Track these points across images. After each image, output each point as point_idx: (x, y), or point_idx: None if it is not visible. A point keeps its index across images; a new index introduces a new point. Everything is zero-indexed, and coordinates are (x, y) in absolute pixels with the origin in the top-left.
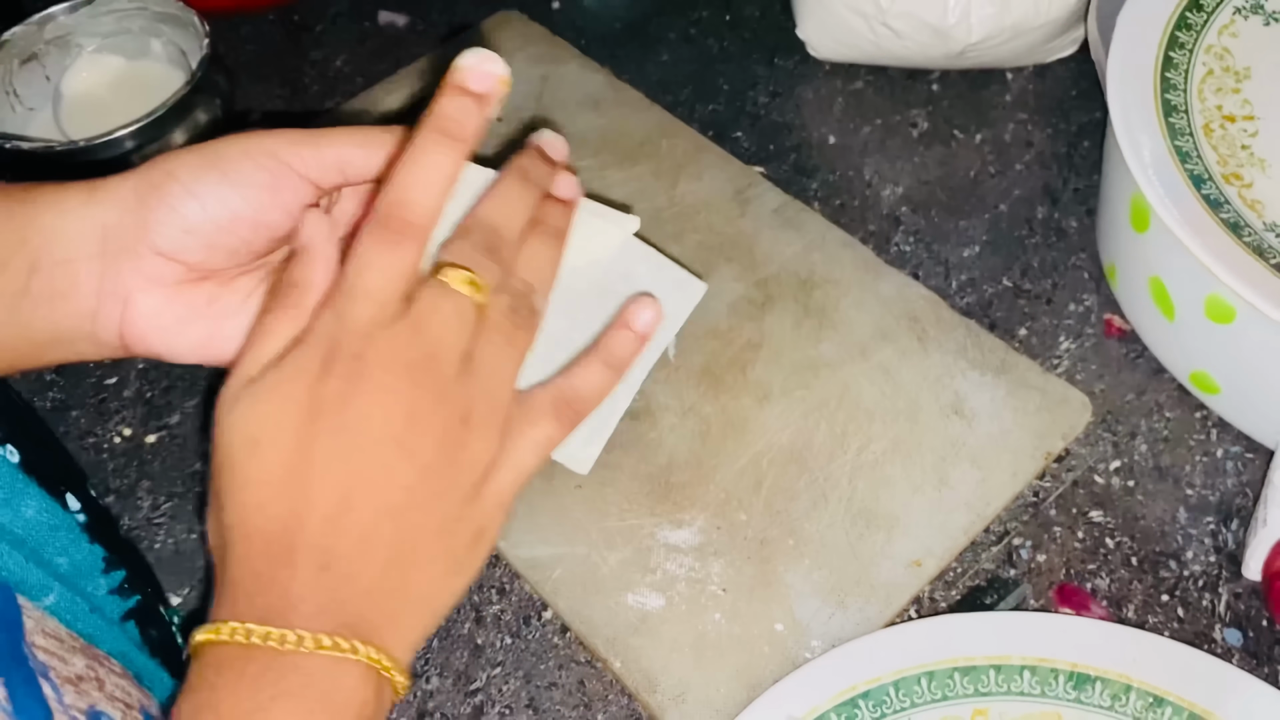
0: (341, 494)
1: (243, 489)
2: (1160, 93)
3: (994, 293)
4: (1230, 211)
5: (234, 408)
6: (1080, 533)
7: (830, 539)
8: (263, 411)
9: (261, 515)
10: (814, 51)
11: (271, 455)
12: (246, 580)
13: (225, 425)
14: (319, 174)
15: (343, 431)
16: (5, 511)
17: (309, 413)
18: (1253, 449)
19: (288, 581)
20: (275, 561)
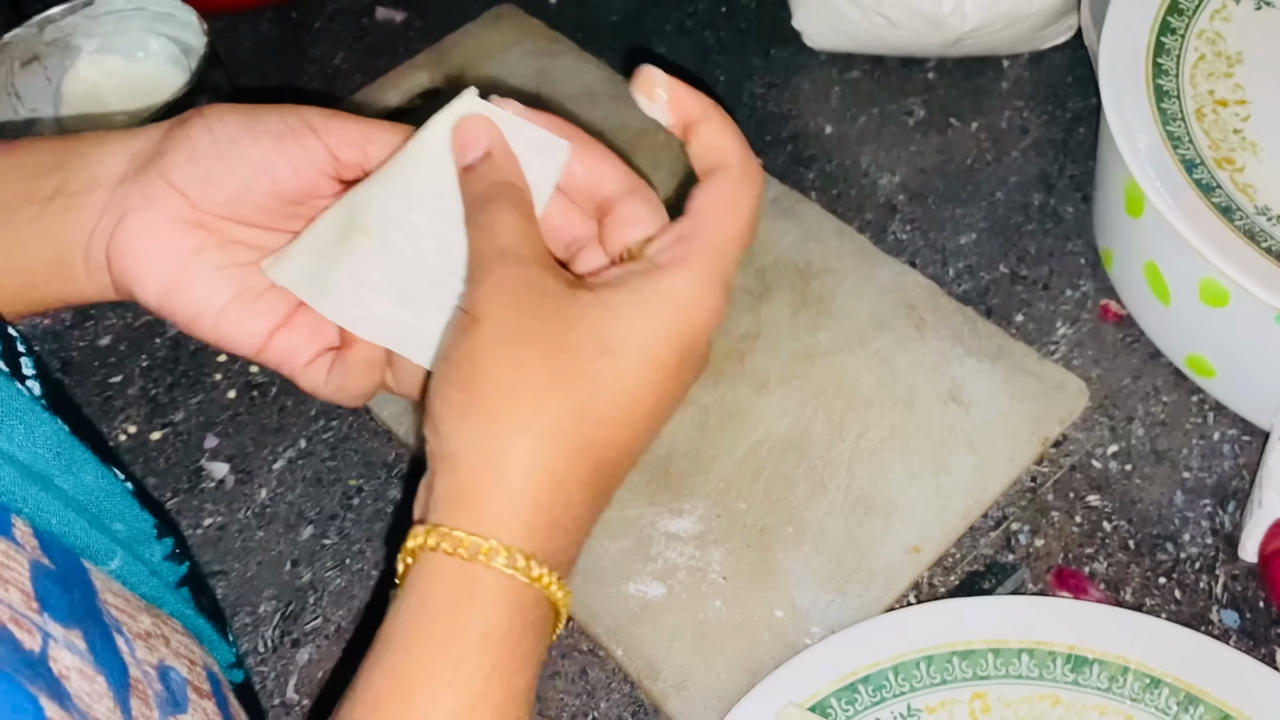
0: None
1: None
2: (1152, 79)
3: (991, 279)
4: (1222, 196)
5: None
6: (1078, 517)
7: (829, 526)
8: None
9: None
10: (810, 41)
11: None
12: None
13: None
14: (340, 142)
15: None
16: (68, 478)
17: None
18: (1249, 431)
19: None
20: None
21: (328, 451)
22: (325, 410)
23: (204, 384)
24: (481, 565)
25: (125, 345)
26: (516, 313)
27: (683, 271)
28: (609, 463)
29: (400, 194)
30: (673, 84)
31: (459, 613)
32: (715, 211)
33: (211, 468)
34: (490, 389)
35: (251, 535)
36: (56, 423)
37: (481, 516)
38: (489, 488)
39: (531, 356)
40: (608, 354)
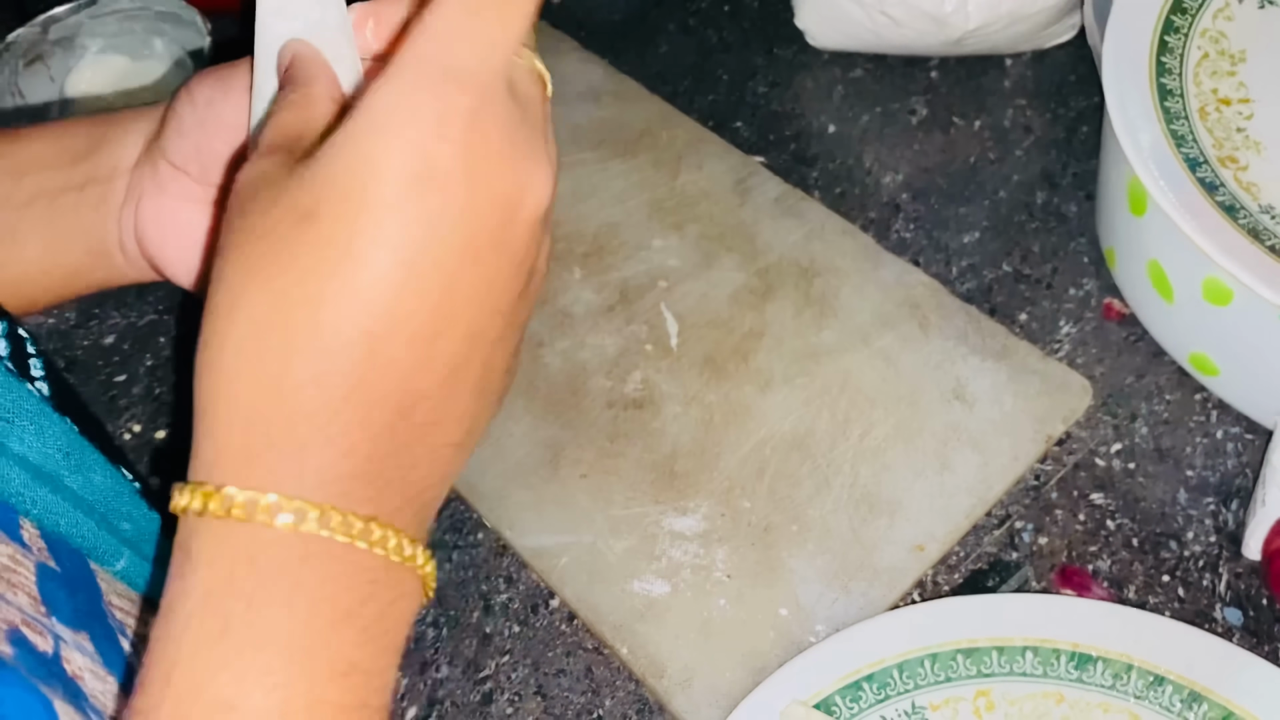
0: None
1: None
2: (1155, 77)
3: (994, 278)
4: (1226, 194)
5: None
6: (1081, 515)
7: (833, 524)
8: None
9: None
10: (812, 40)
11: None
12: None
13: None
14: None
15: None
16: (77, 478)
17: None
18: (1252, 430)
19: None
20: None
21: None
22: None
23: None
24: (262, 525)
25: (129, 344)
26: (247, 221)
27: (388, 82)
28: (420, 396)
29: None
30: None
31: (231, 583)
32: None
33: None
34: (248, 324)
35: None
36: (66, 423)
37: (256, 470)
38: (261, 439)
39: (262, 259)
40: (309, 219)
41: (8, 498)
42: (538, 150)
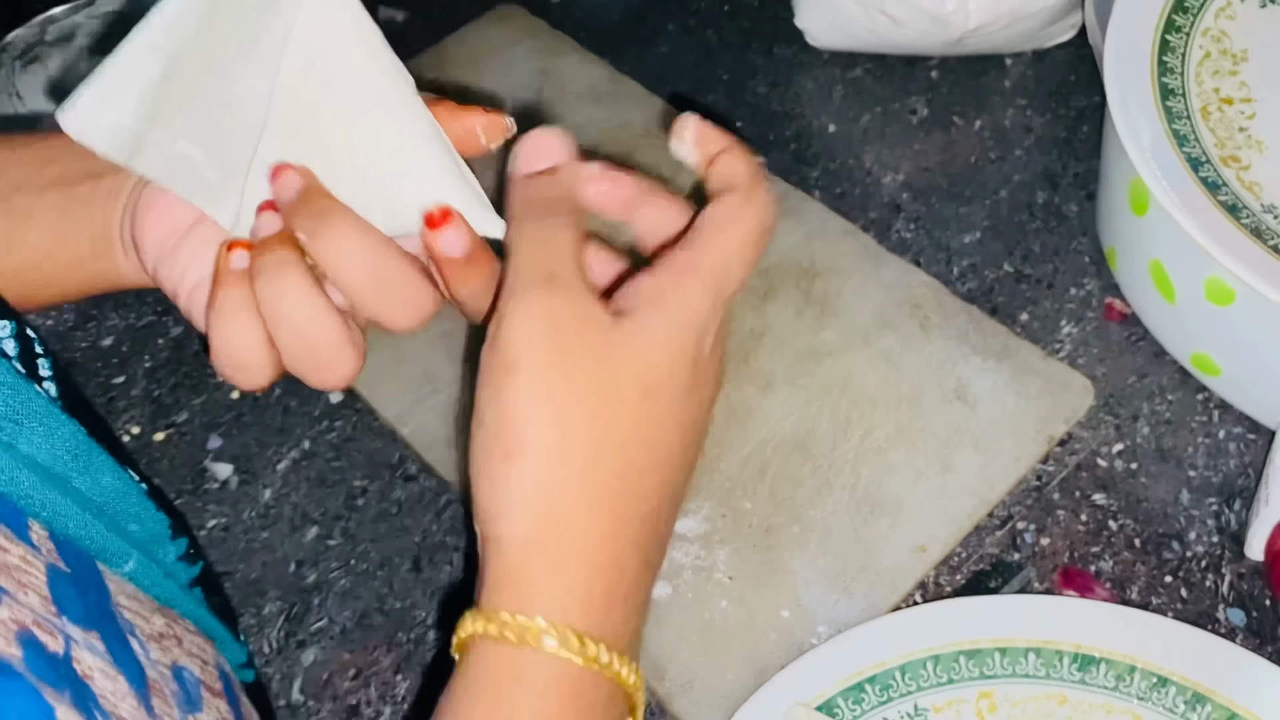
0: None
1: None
2: (1157, 77)
3: (995, 278)
4: (1228, 194)
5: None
6: (1084, 515)
7: (835, 525)
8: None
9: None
10: (812, 40)
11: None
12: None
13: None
14: None
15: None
16: (85, 479)
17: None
18: (1254, 430)
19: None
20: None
21: (331, 452)
22: (329, 411)
23: (207, 385)
24: (530, 649)
25: (128, 346)
26: (558, 357)
27: (699, 284)
28: (653, 512)
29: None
30: (701, 122)
31: (503, 701)
32: (719, 223)
33: (215, 469)
34: (535, 458)
35: (256, 536)
36: (74, 424)
37: (532, 597)
38: (541, 568)
39: (579, 413)
40: (647, 396)
41: (16, 500)
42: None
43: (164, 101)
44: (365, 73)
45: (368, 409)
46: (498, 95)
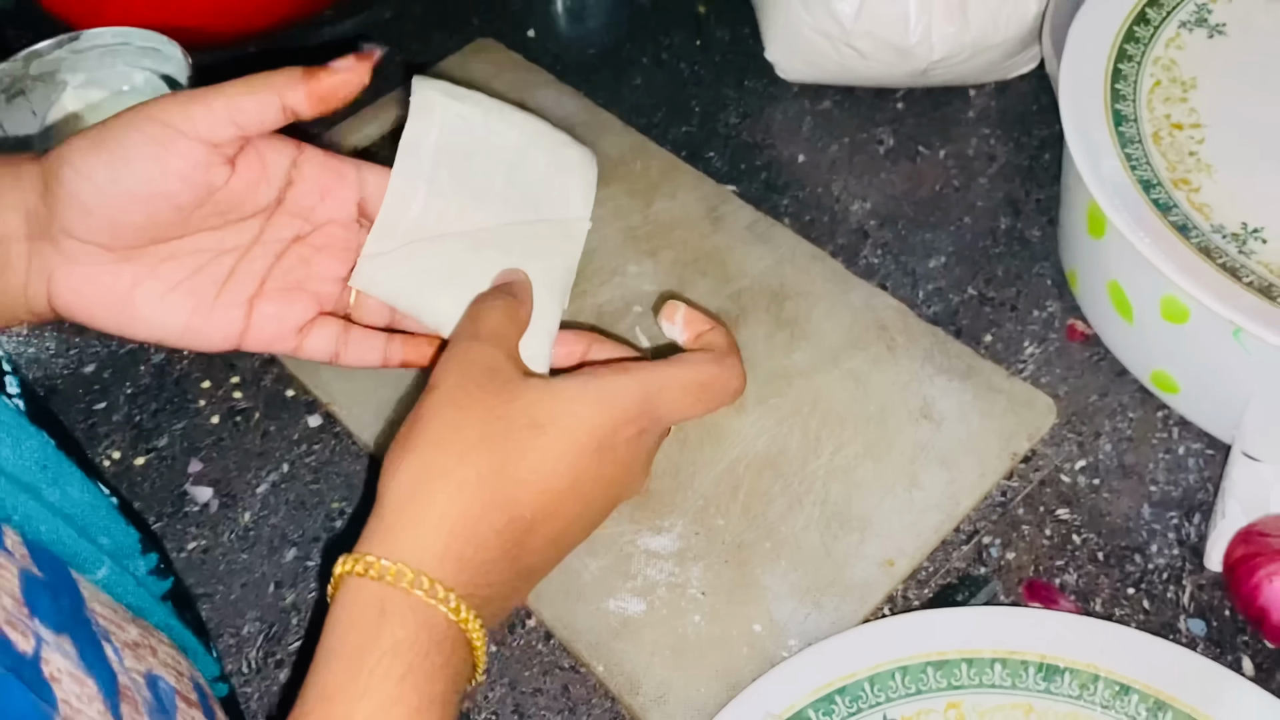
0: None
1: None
2: (1110, 103)
3: (960, 301)
4: (1179, 214)
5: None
6: (1048, 530)
7: (805, 541)
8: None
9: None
10: (782, 73)
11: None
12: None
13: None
14: (210, 130)
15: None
16: (54, 490)
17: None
18: (1213, 445)
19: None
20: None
21: (310, 475)
22: (308, 435)
23: (188, 409)
24: (390, 585)
25: (110, 372)
26: (466, 383)
27: (625, 379)
28: (521, 519)
29: (425, 196)
30: (688, 308)
31: (370, 626)
32: (680, 361)
33: (195, 492)
34: (425, 441)
35: (235, 558)
36: (42, 436)
37: (396, 546)
38: (407, 523)
39: (468, 420)
40: (535, 427)
41: None
42: (649, 467)
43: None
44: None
45: (346, 432)
46: None
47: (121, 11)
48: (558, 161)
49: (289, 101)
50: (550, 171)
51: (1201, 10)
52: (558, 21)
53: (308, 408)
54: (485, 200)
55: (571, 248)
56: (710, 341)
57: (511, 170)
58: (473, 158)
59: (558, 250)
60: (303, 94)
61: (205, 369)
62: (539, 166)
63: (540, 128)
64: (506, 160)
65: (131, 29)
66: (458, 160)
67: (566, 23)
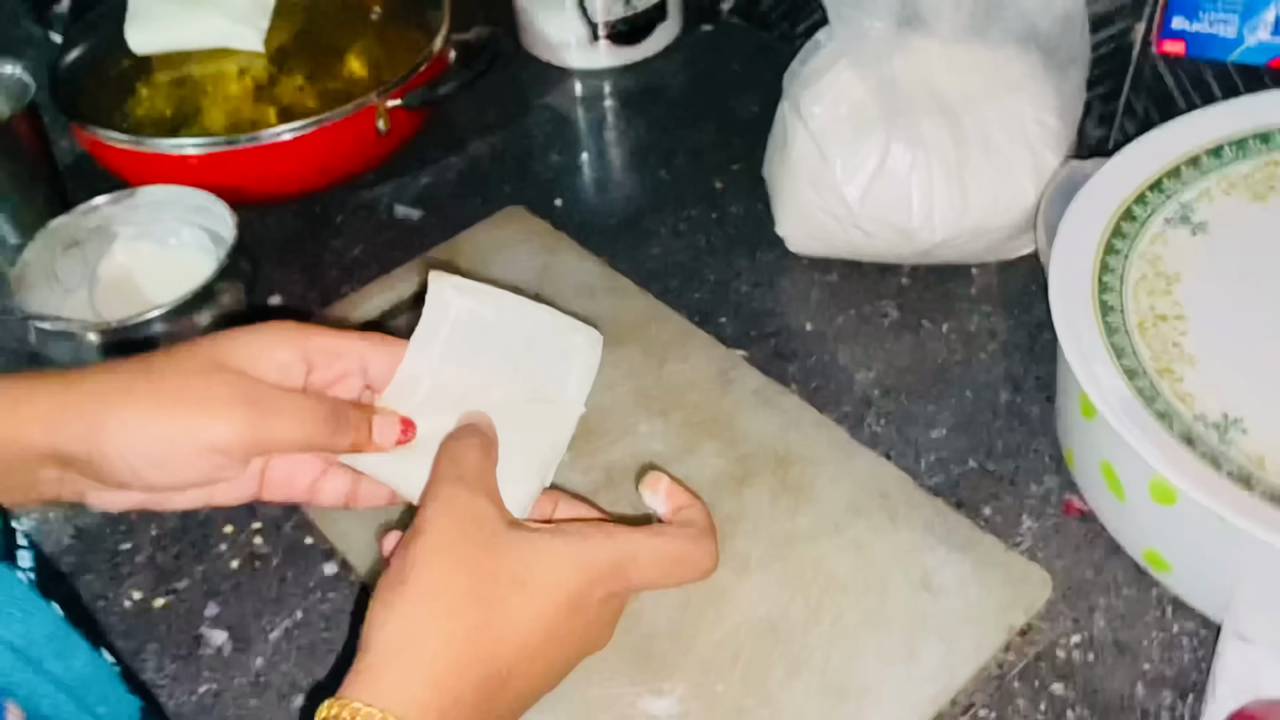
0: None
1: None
2: (1098, 294)
3: (961, 473)
4: (1162, 403)
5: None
6: (1042, 704)
7: (804, 709)
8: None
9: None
10: (792, 247)
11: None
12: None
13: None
14: (249, 453)
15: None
16: (59, 663)
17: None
18: (1206, 625)
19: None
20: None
21: (323, 623)
22: (323, 582)
23: (209, 553)
24: None
25: (137, 515)
26: (454, 531)
27: (604, 542)
28: (498, 674)
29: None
30: (671, 481)
31: None
32: (658, 532)
33: (210, 635)
34: (416, 591)
35: (245, 703)
36: (51, 609)
37: (382, 694)
38: (394, 673)
39: (458, 573)
40: (518, 583)
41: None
42: (614, 626)
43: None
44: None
45: (360, 581)
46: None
47: (174, 171)
48: (563, 348)
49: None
50: (554, 357)
51: (1185, 209)
52: (584, 192)
53: (325, 555)
54: (487, 388)
55: (562, 427)
56: (689, 518)
57: (517, 360)
58: (479, 351)
59: (547, 428)
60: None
61: (229, 513)
62: (544, 354)
63: (549, 317)
64: (514, 351)
65: (183, 188)
66: (465, 353)
67: (592, 193)
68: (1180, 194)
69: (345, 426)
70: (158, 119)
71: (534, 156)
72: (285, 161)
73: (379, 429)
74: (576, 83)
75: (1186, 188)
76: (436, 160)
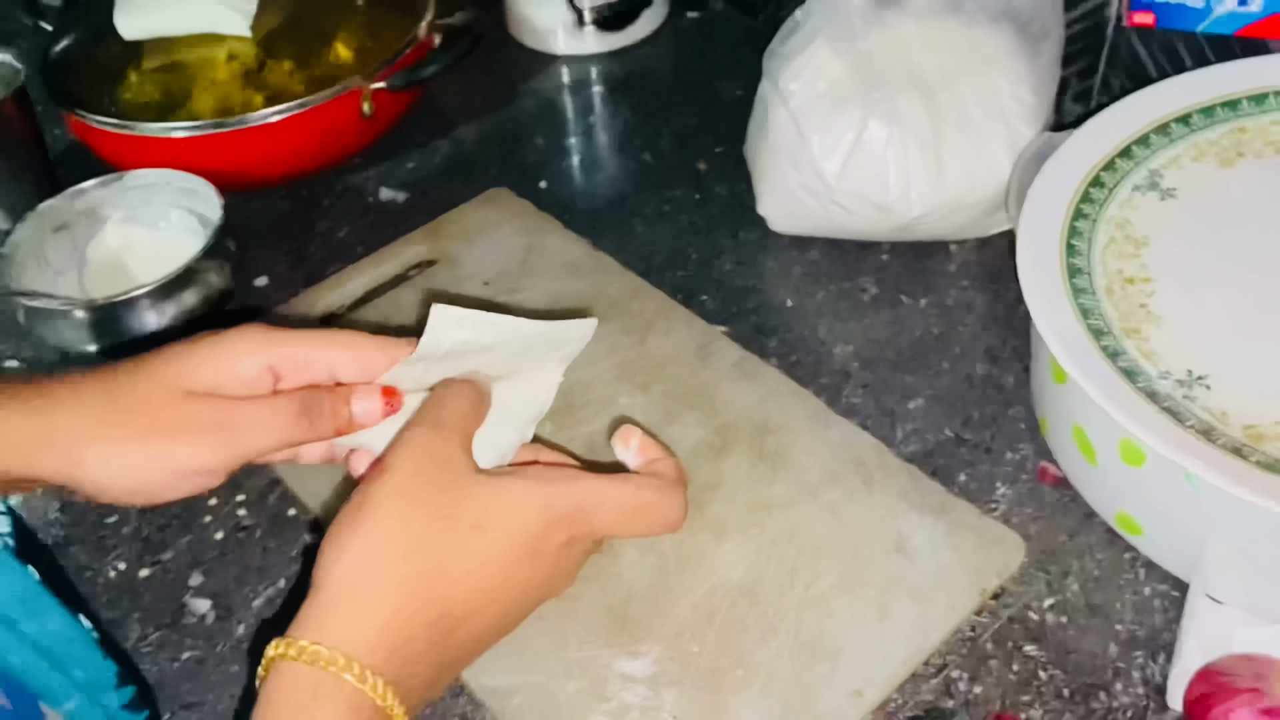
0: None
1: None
2: (1066, 257)
3: (937, 442)
4: (1127, 360)
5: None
6: (1015, 665)
7: (777, 669)
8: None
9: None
10: (773, 226)
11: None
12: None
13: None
14: (225, 466)
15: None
16: (32, 623)
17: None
18: (1178, 587)
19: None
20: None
21: (306, 591)
22: (307, 551)
23: (194, 525)
24: (322, 669)
25: None
26: (419, 474)
27: (567, 487)
28: (451, 615)
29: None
30: (643, 435)
31: (302, 708)
32: (624, 479)
33: (194, 604)
34: (372, 531)
35: (227, 669)
36: (25, 571)
37: (332, 632)
38: (343, 611)
39: (416, 516)
40: (477, 528)
41: None
42: (575, 573)
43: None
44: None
45: None
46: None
47: (163, 155)
48: (555, 344)
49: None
50: (547, 352)
51: (1154, 175)
52: (569, 175)
53: (308, 526)
54: (477, 370)
55: (542, 393)
56: (659, 469)
57: (509, 361)
58: (471, 363)
59: (527, 393)
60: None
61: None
62: (538, 354)
63: (545, 328)
64: (505, 360)
65: (171, 171)
66: (455, 368)
67: (577, 175)
68: (1149, 160)
69: (321, 417)
70: (147, 104)
71: (520, 141)
72: (272, 144)
73: (359, 408)
74: (563, 68)
75: (1155, 154)
76: (423, 144)
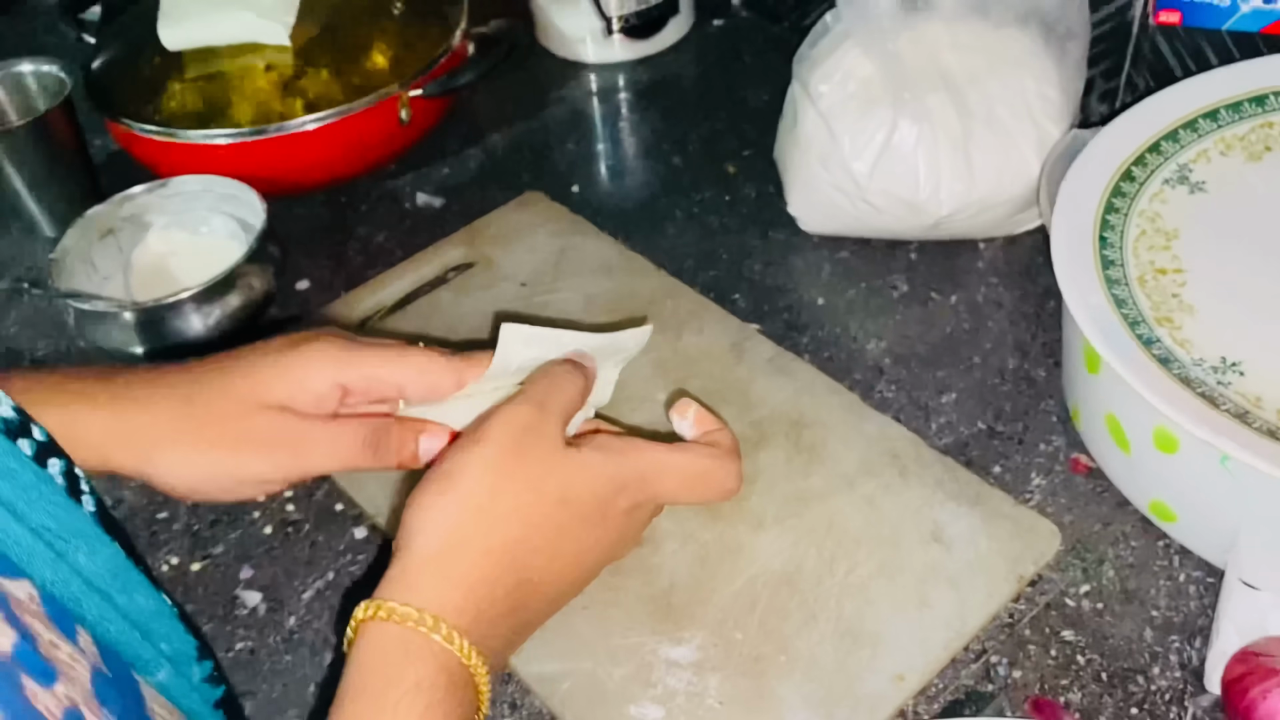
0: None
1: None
2: (1099, 250)
3: (970, 434)
4: (1161, 348)
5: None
6: (1053, 651)
7: (819, 655)
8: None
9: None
10: (803, 226)
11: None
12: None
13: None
14: (292, 477)
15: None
16: (123, 596)
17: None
18: (1213, 573)
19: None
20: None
21: (353, 583)
22: (354, 545)
23: (243, 521)
24: (411, 629)
25: None
26: (516, 450)
27: (631, 452)
28: (530, 581)
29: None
30: (700, 407)
31: (394, 666)
32: (683, 449)
33: (245, 596)
34: (462, 502)
35: (279, 659)
36: (114, 546)
37: (420, 595)
38: (430, 577)
39: (507, 489)
40: (562, 502)
41: (67, 603)
42: (639, 536)
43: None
44: None
45: (389, 544)
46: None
47: (204, 163)
48: (613, 348)
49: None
50: (604, 356)
51: (1183, 170)
52: (600, 179)
53: (354, 520)
54: None
55: (601, 388)
56: (715, 439)
57: None
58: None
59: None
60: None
61: None
62: (598, 357)
63: (607, 340)
64: None
65: (214, 177)
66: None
67: (607, 179)
68: (1178, 155)
69: (386, 450)
70: (188, 113)
71: (551, 147)
72: (311, 151)
73: (425, 447)
74: (591, 76)
75: (1184, 149)
76: (457, 151)
